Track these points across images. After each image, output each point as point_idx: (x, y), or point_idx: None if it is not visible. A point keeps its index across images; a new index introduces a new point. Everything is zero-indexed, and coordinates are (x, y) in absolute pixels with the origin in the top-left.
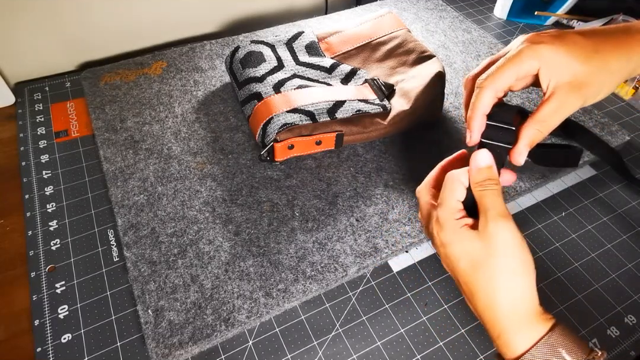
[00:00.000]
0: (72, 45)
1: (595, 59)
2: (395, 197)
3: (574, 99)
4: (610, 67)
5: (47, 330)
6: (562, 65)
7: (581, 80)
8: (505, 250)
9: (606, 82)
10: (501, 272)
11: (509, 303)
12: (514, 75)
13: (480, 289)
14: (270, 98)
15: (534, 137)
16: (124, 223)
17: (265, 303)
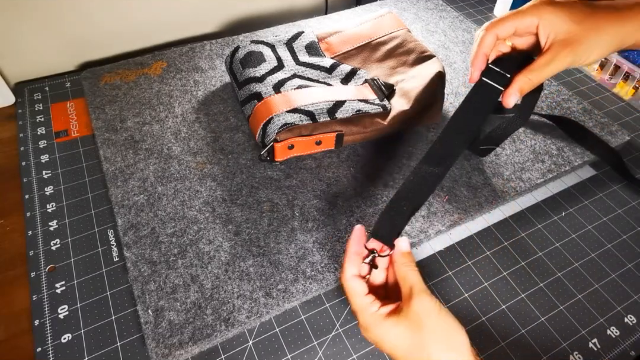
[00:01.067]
0: (72, 45)
1: (590, 20)
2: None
3: (566, 54)
4: (602, 29)
5: (47, 330)
6: (558, 24)
7: (574, 38)
8: (432, 320)
9: (597, 43)
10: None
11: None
12: (514, 24)
13: None
14: (270, 98)
15: (524, 84)
16: (124, 223)
17: (265, 303)
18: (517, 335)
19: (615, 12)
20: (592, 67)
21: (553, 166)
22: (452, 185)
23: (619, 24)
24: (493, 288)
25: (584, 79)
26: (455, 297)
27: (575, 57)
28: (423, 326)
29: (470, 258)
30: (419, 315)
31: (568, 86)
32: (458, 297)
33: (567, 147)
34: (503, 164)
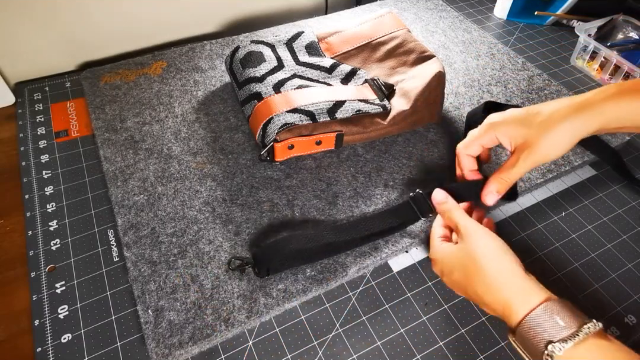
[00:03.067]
0: (72, 45)
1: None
2: (395, 197)
3: (526, 156)
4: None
5: (47, 330)
6: (512, 131)
7: (531, 141)
8: (480, 241)
9: (553, 141)
10: (484, 257)
11: (502, 279)
12: (479, 145)
13: (476, 278)
14: (270, 98)
15: (500, 184)
16: (124, 223)
17: (265, 303)
18: None
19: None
20: (592, 67)
21: (553, 166)
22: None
23: (567, 123)
24: None
25: (584, 79)
26: (456, 296)
27: (536, 157)
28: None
29: None
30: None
31: (568, 86)
32: (458, 297)
33: None
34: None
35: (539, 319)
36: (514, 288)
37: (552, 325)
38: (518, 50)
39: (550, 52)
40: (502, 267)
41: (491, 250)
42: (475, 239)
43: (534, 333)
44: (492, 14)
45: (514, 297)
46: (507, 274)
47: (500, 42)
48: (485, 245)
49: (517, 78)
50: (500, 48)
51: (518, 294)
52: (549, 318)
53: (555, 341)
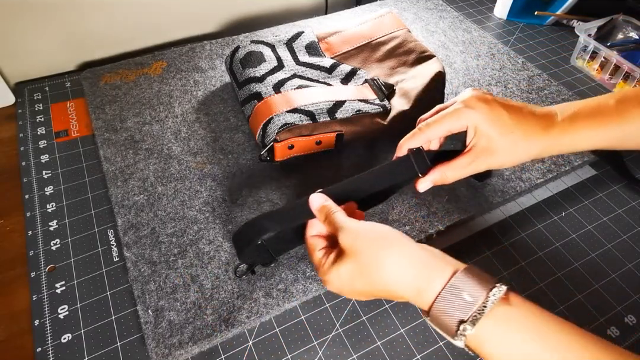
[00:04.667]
0: (72, 45)
1: (509, 137)
2: (395, 197)
3: (482, 160)
4: (517, 147)
5: (47, 330)
6: (483, 132)
7: (493, 148)
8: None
9: (511, 156)
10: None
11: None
12: (446, 129)
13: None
14: (270, 98)
15: (440, 178)
16: (124, 223)
17: (265, 303)
18: None
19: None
20: (592, 67)
21: (553, 166)
22: (452, 185)
23: (535, 143)
24: None
25: (584, 79)
26: None
27: (490, 164)
28: (357, 253)
29: (470, 258)
30: (348, 247)
31: (568, 86)
32: None
33: None
34: None
35: (447, 300)
36: (416, 274)
37: (460, 303)
38: (518, 50)
39: (550, 52)
40: (396, 256)
41: (385, 242)
42: (366, 236)
43: (445, 314)
44: (492, 14)
45: (420, 283)
46: (404, 262)
47: (500, 42)
48: (377, 239)
49: (517, 78)
50: (500, 48)
51: (423, 278)
52: (457, 296)
53: (465, 320)
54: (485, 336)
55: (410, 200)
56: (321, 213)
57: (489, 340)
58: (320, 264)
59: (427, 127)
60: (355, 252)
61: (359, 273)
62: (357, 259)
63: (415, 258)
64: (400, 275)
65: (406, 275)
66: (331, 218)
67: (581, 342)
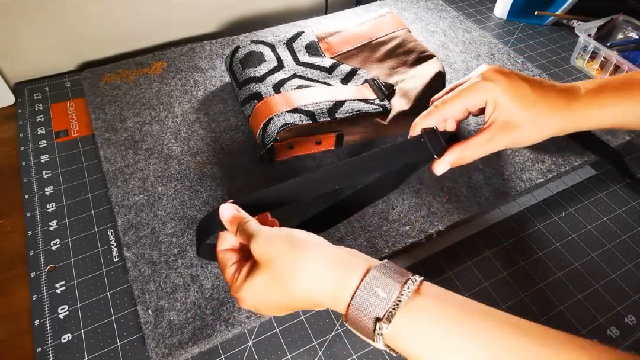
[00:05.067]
0: (72, 45)
1: (532, 110)
2: (395, 197)
3: (503, 137)
4: (540, 121)
5: (47, 330)
6: (504, 106)
7: (514, 124)
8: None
9: (533, 132)
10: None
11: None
12: (463, 106)
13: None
14: (270, 98)
15: (457, 158)
16: (124, 223)
17: None
18: None
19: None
20: (592, 67)
21: (553, 166)
22: (452, 185)
23: (558, 117)
24: (493, 288)
25: (584, 79)
26: None
27: (510, 142)
28: (270, 261)
29: (470, 258)
30: (261, 255)
31: None
32: None
33: (567, 147)
34: (503, 164)
35: (362, 298)
36: (333, 275)
37: (374, 300)
38: (518, 50)
39: (550, 52)
40: (315, 257)
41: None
42: (280, 242)
43: (361, 315)
44: (492, 14)
45: (336, 285)
46: (322, 264)
47: (500, 42)
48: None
49: None
50: (500, 48)
51: (338, 280)
52: (371, 293)
53: (381, 317)
54: (403, 332)
55: (410, 200)
56: (233, 225)
57: (407, 336)
58: (232, 280)
59: (443, 105)
60: (269, 260)
61: (273, 283)
62: (271, 268)
63: (329, 260)
64: (315, 280)
65: (322, 280)
66: (243, 227)
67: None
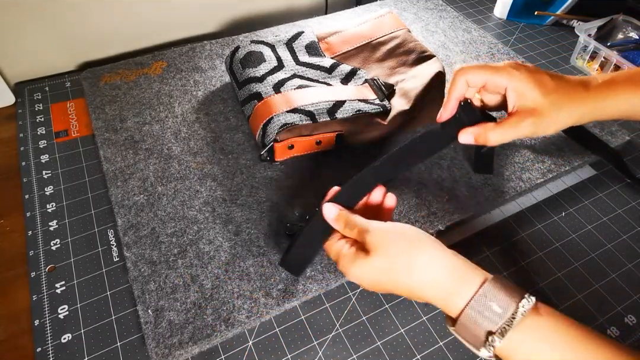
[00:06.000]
0: (72, 45)
1: (552, 96)
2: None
3: (528, 123)
4: (562, 106)
5: (47, 330)
6: (526, 91)
7: (538, 110)
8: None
9: (557, 118)
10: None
11: (432, 275)
12: (484, 76)
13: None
14: (270, 98)
15: (481, 136)
16: (124, 223)
17: (265, 303)
18: None
19: (575, 92)
20: (592, 67)
21: (553, 166)
22: (452, 185)
23: (578, 104)
24: None
25: None
26: None
27: (536, 128)
28: (387, 251)
29: (470, 258)
30: (377, 245)
31: None
32: None
33: (567, 147)
34: (503, 164)
35: (476, 310)
36: (447, 279)
37: (489, 314)
38: (518, 50)
39: (550, 52)
40: (427, 260)
41: (418, 243)
42: (397, 236)
43: (473, 325)
44: (492, 14)
45: (450, 289)
46: (435, 267)
47: (500, 42)
48: (409, 239)
49: None
50: (500, 48)
51: (453, 285)
52: (486, 307)
53: (494, 331)
54: (513, 346)
55: (410, 200)
56: (339, 222)
57: (517, 350)
58: (340, 254)
59: (466, 69)
60: (386, 250)
61: (387, 270)
62: (388, 257)
63: (446, 263)
64: (430, 278)
65: (436, 280)
66: (352, 223)
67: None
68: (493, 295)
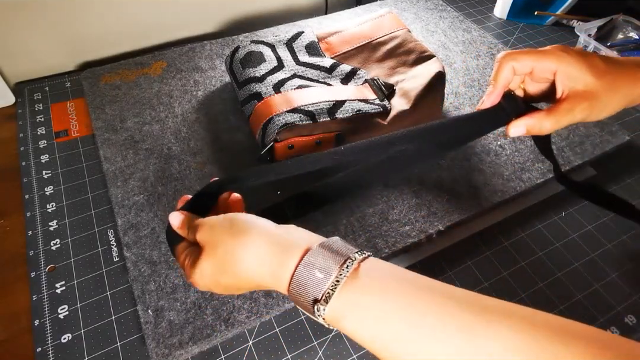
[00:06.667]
0: (72, 45)
1: (607, 77)
2: (395, 197)
3: (582, 108)
4: (618, 88)
5: (47, 330)
6: (577, 75)
7: (592, 93)
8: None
9: (612, 100)
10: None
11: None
12: (532, 62)
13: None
14: (270, 98)
15: (534, 126)
16: (124, 223)
17: (265, 303)
18: None
19: (629, 73)
20: None
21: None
22: (452, 186)
23: (633, 85)
24: (493, 288)
25: None
26: None
27: (590, 112)
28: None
29: (470, 258)
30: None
31: None
32: None
33: (567, 147)
34: (503, 164)
35: (300, 281)
36: (272, 255)
37: (313, 282)
38: None
39: None
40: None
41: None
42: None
43: (301, 296)
44: (492, 14)
45: (275, 266)
46: (263, 244)
47: (500, 42)
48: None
49: None
50: (500, 48)
51: (277, 261)
52: (309, 275)
53: (319, 299)
54: (341, 312)
55: (410, 200)
56: (183, 229)
57: (345, 316)
58: (184, 266)
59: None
60: (213, 246)
61: (218, 268)
62: (215, 252)
63: (269, 241)
64: (256, 262)
65: (262, 262)
66: (190, 225)
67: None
68: (316, 261)
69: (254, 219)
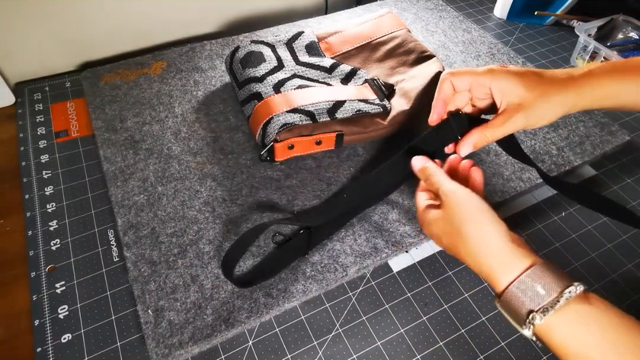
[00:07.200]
0: (72, 45)
1: (538, 89)
2: (395, 197)
3: (518, 117)
4: (550, 97)
5: (47, 330)
6: (510, 88)
7: (526, 104)
8: (460, 207)
9: (547, 109)
10: (465, 224)
11: (485, 246)
12: (469, 78)
13: (462, 245)
14: (270, 98)
15: (479, 139)
16: (124, 223)
17: (265, 303)
18: (517, 335)
19: (561, 83)
20: None
21: (553, 166)
22: None
23: (564, 93)
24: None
25: None
26: (455, 297)
27: (527, 121)
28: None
29: None
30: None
31: None
32: (458, 297)
33: (567, 147)
34: (503, 164)
35: (521, 288)
36: (496, 256)
37: (533, 294)
38: (518, 50)
39: (550, 52)
40: (484, 233)
41: (472, 217)
42: (455, 205)
43: (516, 302)
44: (492, 14)
45: (497, 266)
46: (489, 241)
47: (500, 42)
48: (465, 211)
49: None
50: (500, 48)
51: (501, 263)
52: (531, 287)
53: (535, 310)
54: (552, 328)
55: (410, 200)
56: (422, 173)
57: (555, 331)
58: (420, 209)
59: (451, 73)
60: (450, 213)
61: (447, 233)
62: (448, 220)
63: (500, 242)
64: (487, 244)
65: (486, 254)
66: (433, 179)
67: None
68: (539, 278)
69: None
